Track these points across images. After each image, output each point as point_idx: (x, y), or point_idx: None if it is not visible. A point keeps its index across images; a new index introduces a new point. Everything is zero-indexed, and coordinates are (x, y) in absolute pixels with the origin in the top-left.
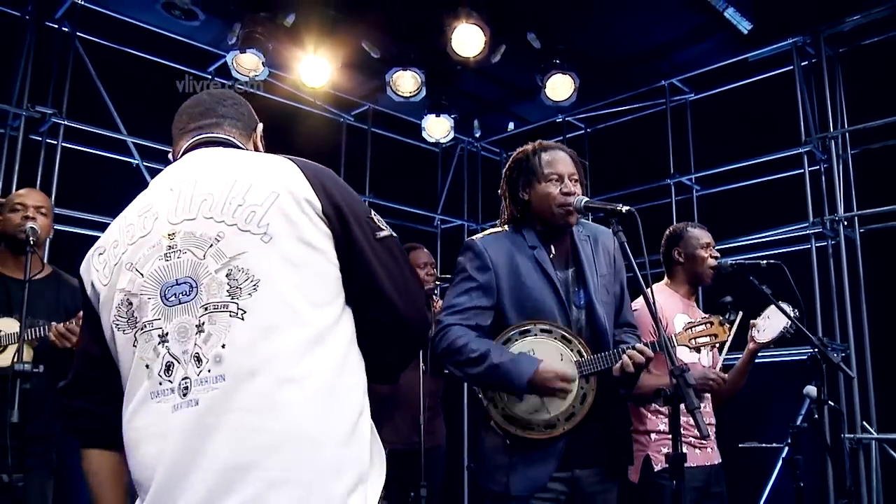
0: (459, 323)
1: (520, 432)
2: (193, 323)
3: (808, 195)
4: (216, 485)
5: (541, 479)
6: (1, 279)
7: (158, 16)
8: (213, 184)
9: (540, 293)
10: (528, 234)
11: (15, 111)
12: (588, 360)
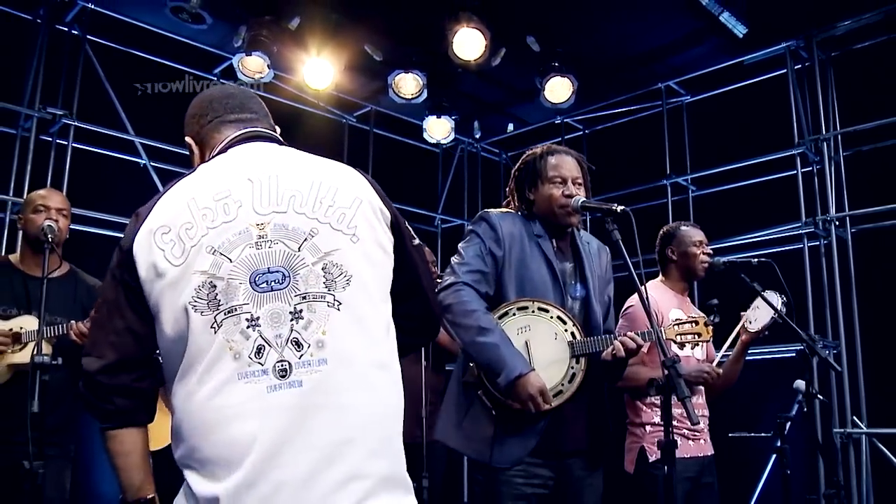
0: (473, 285)
1: (505, 403)
2: (287, 310)
3: (800, 196)
4: (321, 458)
5: (520, 453)
6: (21, 277)
7: (166, 19)
8: (297, 181)
9: (541, 277)
10: (536, 224)
11: (27, 112)
12: (581, 342)
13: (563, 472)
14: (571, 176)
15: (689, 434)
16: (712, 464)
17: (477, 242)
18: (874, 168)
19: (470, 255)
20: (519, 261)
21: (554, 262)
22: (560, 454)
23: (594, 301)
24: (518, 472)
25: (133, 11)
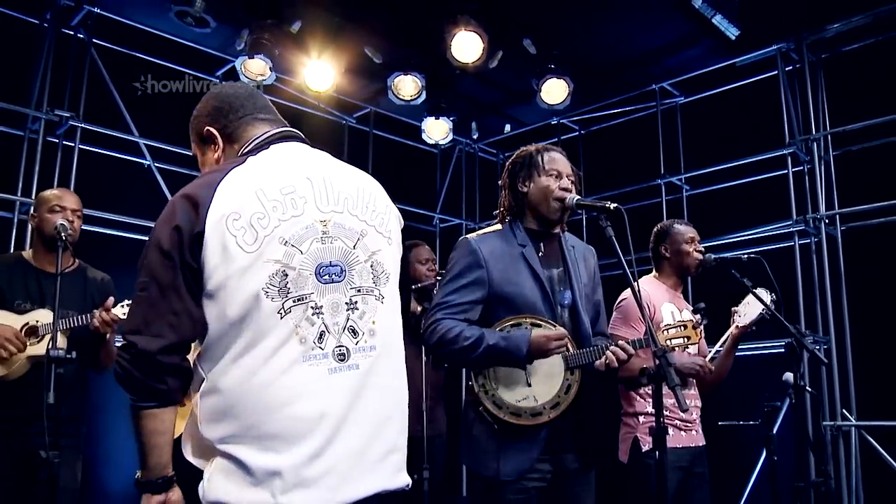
0: (450, 317)
1: (509, 418)
2: (343, 300)
3: (791, 195)
4: (370, 432)
5: (526, 464)
6: (34, 273)
7: (170, 22)
8: (346, 185)
9: (529, 290)
10: (518, 232)
11: (34, 114)
12: (575, 354)
13: (559, 466)
14: (566, 171)
15: (681, 425)
16: (704, 454)
17: (453, 275)
18: (863, 167)
19: (444, 294)
20: (503, 278)
21: (540, 273)
22: (555, 451)
23: (581, 308)
24: None
25: (137, 15)
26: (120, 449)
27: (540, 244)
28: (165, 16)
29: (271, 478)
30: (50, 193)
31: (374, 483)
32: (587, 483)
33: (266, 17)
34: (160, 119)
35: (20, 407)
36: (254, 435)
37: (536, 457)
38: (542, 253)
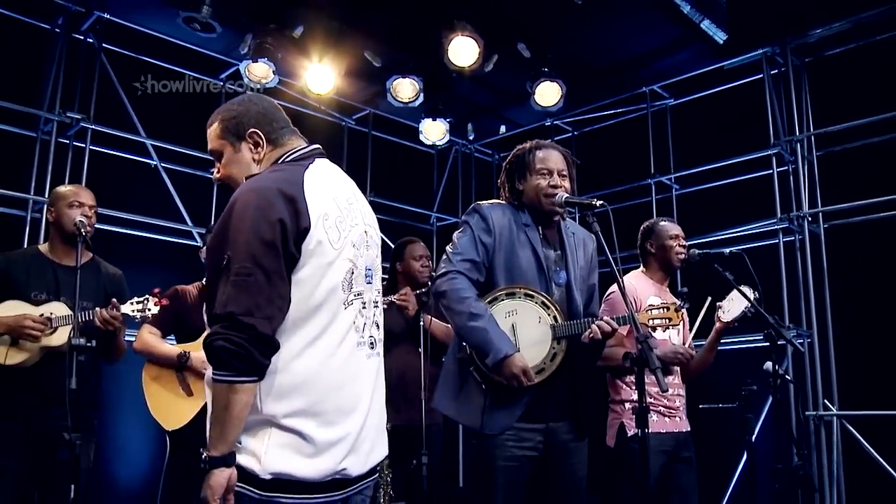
0: (465, 273)
1: (496, 377)
2: (372, 299)
3: (776, 194)
4: (380, 410)
5: (507, 422)
6: (51, 266)
7: (177, 28)
8: (362, 201)
9: (528, 264)
10: (524, 214)
11: (47, 116)
12: (562, 325)
13: (551, 436)
14: (557, 168)
15: (665, 411)
16: (689, 439)
17: (469, 232)
18: (845, 167)
19: (463, 245)
20: (508, 248)
21: (539, 251)
22: (546, 420)
23: (575, 288)
24: (510, 436)
25: (145, 20)
26: (126, 438)
27: (540, 227)
28: (173, 21)
29: (332, 447)
30: (67, 189)
31: (383, 450)
32: (580, 455)
33: (269, 23)
34: (166, 120)
35: (35, 394)
36: (319, 409)
37: (518, 416)
38: (543, 236)
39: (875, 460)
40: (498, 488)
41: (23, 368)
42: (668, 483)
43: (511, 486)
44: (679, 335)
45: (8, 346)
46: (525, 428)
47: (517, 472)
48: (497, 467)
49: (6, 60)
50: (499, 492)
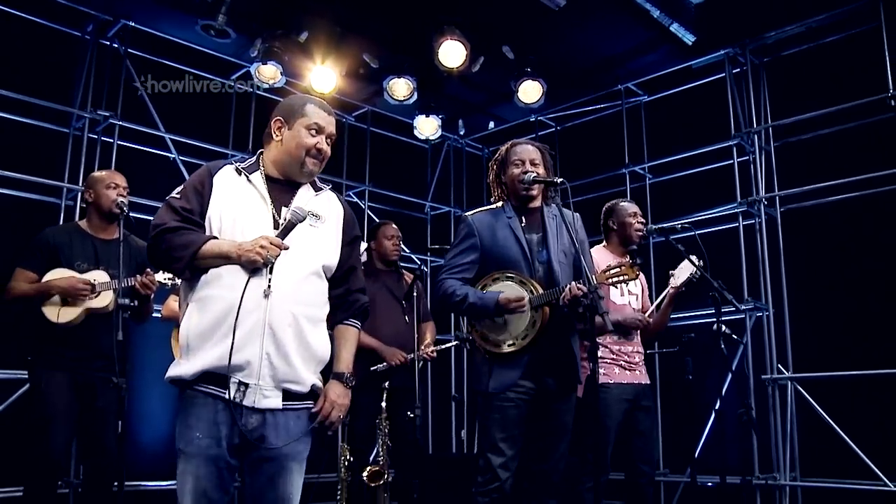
0: (454, 276)
1: (492, 348)
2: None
3: (736, 181)
4: None
5: (509, 381)
6: (90, 239)
7: (194, 33)
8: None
9: (511, 250)
10: (507, 208)
11: (79, 113)
12: (537, 296)
13: (541, 385)
14: (529, 158)
15: (625, 365)
16: (648, 391)
17: (455, 244)
18: (801, 157)
19: (448, 258)
20: (491, 243)
21: (521, 237)
22: (537, 376)
23: (554, 263)
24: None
25: (166, 27)
26: (152, 405)
27: (522, 217)
28: (191, 28)
29: None
30: (103, 173)
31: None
32: (565, 403)
33: (277, 28)
34: (183, 117)
35: (81, 348)
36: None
37: (517, 377)
38: (525, 223)
39: (825, 420)
40: (496, 423)
41: (70, 326)
42: (631, 428)
43: (508, 421)
44: (638, 301)
45: (59, 306)
46: (520, 382)
47: (514, 410)
48: (495, 407)
49: (42, 64)
50: (497, 425)
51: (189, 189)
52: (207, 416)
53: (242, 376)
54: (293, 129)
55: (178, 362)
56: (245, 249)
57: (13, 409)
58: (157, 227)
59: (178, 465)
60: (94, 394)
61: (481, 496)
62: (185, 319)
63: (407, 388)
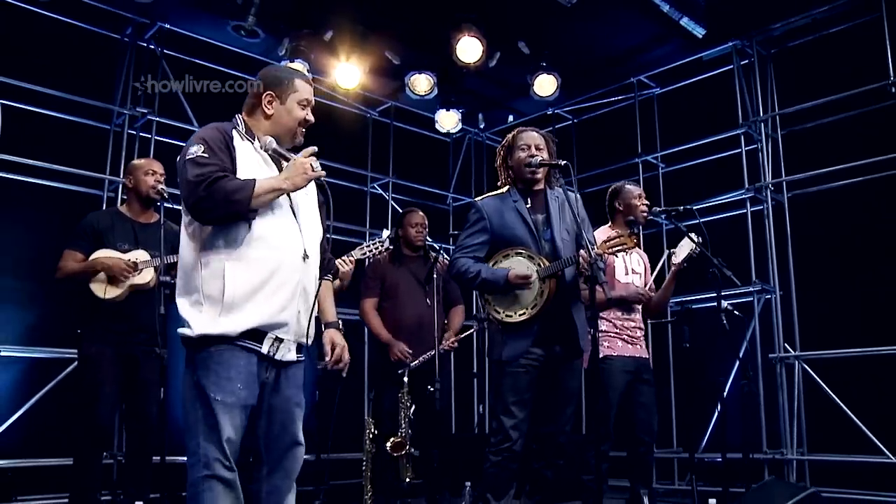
0: (466, 255)
1: (504, 318)
2: None
3: (744, 168)
4: None
5: (521, 349)
6: (130, 223)
7: (226, 34)
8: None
9: (519, 230)
10: (513, 192)
11: (119, 110)
12: (545, 268)
13: (549, 352)
14: (534, 143)
15: (627, 339)
16: (649, 365)
17: (467, 227)
18: (808, 145)
19: (461, 240)
20: (500, 225)
21: (527, 217)
22: (545, 344)
23: (558, 240)
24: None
25: (199, 29)
26: None
27: (528, 199)
28: (223, 29)
29: None
30: (142, 161)
31: None
32: (572, 369)
33: (303, 28)
34: (214, 112)
35: (125, 322)
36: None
37: (528, 346)
38: (530, 205)
39: (830, 397)
40: (509, 388)
41: (115, 302)
42: (632, 400)
43: (519, 386)
44: (641, 279)
45: (105, 283)
46: (530, 350)
47: (524, 376)
48: (508, 373)
49: (86, 65)
50: (509, 390)
51: (215, 146)
52: (247, 369)
53: (280, 332)
54: (286, 103)
55: (213, 319)
56: (294, 173)
57: (62, 384)
58: (204, 178)
59: (205, 415)
60: (136, 365)
61: (494, 455)
62: (221, 278)
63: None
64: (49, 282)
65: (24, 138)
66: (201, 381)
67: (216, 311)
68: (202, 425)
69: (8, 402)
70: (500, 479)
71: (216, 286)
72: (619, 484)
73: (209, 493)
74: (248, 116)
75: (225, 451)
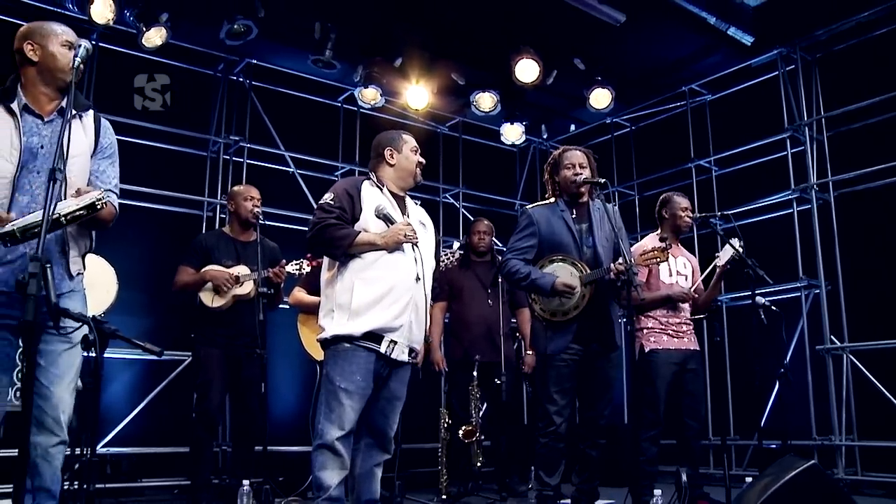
0: (514, 258)
1: (549, 317)
2: None
3: (790, 170)
4: None
5: (562, 345)
6: (233, 242)
7: (306, 65)
8: None
9: (564, 237)
10: (560, 203)
11: (215, 139)
12: (587, 275)
13: (588, 348)
14: (578, 161)
15: (673, 333)
16: (697, 355)
17: (518, 231)
18: (851, 144)
19: (512, 242)
20: (548, 232)
21: (572, 227)
22: (584, 337)
23: (599, 248)
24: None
25: (282, 62)
26: (282, 381)
27: (573, 210)
28: (303, 61)
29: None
30: (242, 188)
31: None
32: (609, 361)
33: (375, 55)
34: (300, 136)
35: (230, 327)
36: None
37: (569, 341)
38: (574, 215)
39: (877, 386)
40: (552, 378)
41: (221, 311)
42: (680, 388)
43: (561, 376)
44: (688, 281)
45: (213, 294)
46: (571, 345)
47: (565, 368)
48: (552, 365)
49: (183, 100)
50: (553, 380)
51: (342, 195)
52: (367, 365)
53: (395, 336)
54: (402, 152)
55: (342, 323)
56: (390, 235)
57: (174, 383)
58: (318, 223)
59: (330, 399)
60: (240, 365)
61: (542, 437)
62: (350, 292)
63: (494, 362)
64: (161, 293)
65: (134, 169)
66: (330, 373)
67: (345, 317)
68: (324, 406)
69: (130, 398)
70: (550, 458)
71: (346, 297)
72: (670, 469)
73: (321, 458)
74: (376, 170)
75: (341, 426)
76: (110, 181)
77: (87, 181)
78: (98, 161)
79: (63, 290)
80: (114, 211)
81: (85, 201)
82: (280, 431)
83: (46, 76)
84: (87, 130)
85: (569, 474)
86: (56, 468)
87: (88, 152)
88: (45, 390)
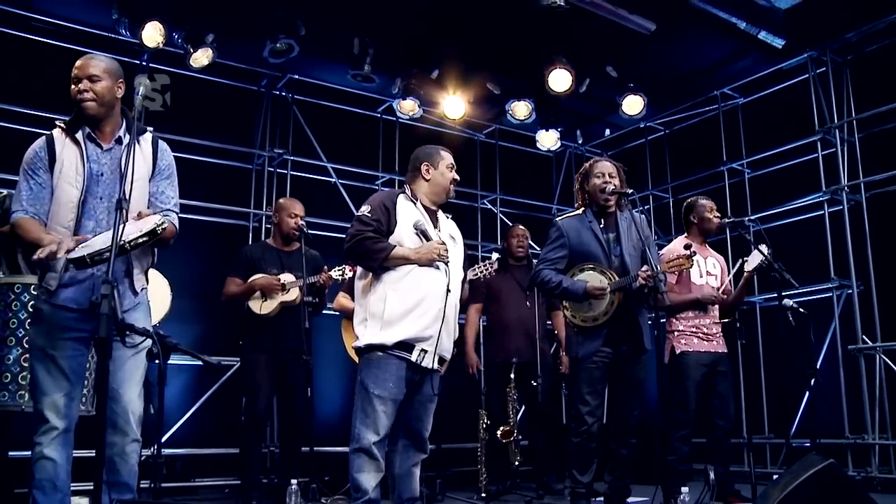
0: (546, 268)
1: (580, 323)
2: None
3: (821, 172)
4: None
5: (593, 349)
6: (277, 252)
7: (346, 79)
8: None
9: (593, 247)
10: (588, 214)
11: (259, 153)
12: (615, 282)
13: (618, 351)
14: (607, 172)
15: (703, 336)
16: (725, 358)
17: (549, 242)
18: (883, 146)
19: (544, 253)
20: (577, 242)
21: (600, 236)
22: (614, 341)
23: (626, 257)
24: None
25: (323, 76)
26: (326, 385)
27: (601, 220)
28: (343, 75)
29: None
30: (287, 202)
31: None
32: (638, 363)
33: (413, 68)
34: (342, 147)
35: (276, 333)
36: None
37: (600, 345)
38: (603, 225)
39: None
40: (584, 380)
41: (268, 317)
42: (710, 389)
43: (593, 379)
44: (717, 281)
45: (261, 301)
46: (601, 349)
47: (597, 371)
48: (583, 368)
49: (229, 115)
50: (585, 382)
51: (378, 209)
52: (399, 372)
53: (425, 345)
54: (438, 168)
55: (375, 332)
56: (424, 252)
57: (223, 387)
58: (357, 235)
59: (365, 404)
60: (286, 370)
61: (575, 437)
62: (383, 302)
63: (532, 363)
64: (209, 301)
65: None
66: (364, 380)
67: (378, 327)
68: (360, 412)
69: (181, 402)
70: (582, 456)
71: (379, 307)
72: (700, 467)
73: (358, 461)
74: (411, 183)
75: (376, 431)
76: (169, 201)
77: (146, 203)
78: (157, 182)
79: (128, 307)
80: (174, 230)
81: (146, 227)
82: (325, 432)
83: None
84: (145, 154)
85: (602, 472)
86: (132, 465)
87: (147, 176)
88: (114, 393)
